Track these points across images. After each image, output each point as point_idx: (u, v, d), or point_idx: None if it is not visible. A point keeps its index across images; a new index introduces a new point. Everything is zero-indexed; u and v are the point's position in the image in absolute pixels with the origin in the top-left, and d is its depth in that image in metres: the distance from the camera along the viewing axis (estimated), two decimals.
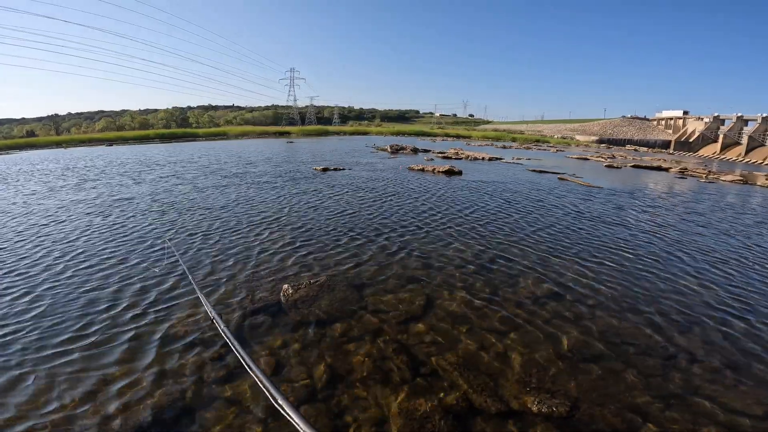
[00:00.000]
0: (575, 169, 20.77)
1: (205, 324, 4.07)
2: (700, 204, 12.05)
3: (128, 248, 6.50)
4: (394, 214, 9.04)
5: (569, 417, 2.92)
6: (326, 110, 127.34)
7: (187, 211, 9.16)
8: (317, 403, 2.99)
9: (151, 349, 3.70)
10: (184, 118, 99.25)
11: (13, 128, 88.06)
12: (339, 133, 63.24)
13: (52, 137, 54.11)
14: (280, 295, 4.68)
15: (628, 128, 65.44)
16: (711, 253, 6.98)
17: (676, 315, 4.59)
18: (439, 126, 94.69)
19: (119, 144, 39.48)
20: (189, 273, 4.45)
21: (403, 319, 4.29)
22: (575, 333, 4.09)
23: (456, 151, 28.04)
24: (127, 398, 3.05)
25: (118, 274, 5.43)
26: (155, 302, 4.60)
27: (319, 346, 3.75)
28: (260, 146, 34.21)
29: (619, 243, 7.33)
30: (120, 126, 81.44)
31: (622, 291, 5.18)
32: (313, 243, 6.82)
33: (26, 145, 38.47)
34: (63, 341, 3.82)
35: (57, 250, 6.41)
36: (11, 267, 5.73)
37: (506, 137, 59.21)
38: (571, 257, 6.41)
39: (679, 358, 3.74)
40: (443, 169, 16.78)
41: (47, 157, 25.27)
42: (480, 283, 5.28)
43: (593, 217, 9.41)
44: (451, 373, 3.36)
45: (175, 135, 50.27)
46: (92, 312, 4.37)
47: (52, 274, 5.42)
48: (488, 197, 11.48)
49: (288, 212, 9.06)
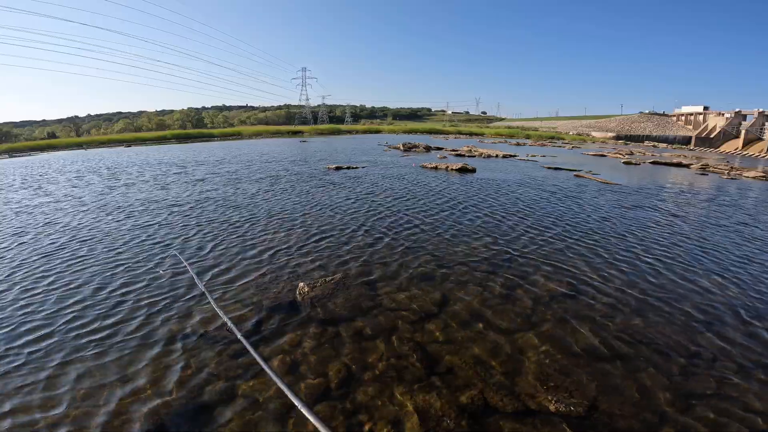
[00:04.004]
0: (592, 165, 20.39)
1: (220, 325, 4.15)
2: (721, 201, 11.69)
3: (135, 253, 6.66)
4: (407, 212, 9.03)
5: (587, 417, 2.88)
6: (338, 109, 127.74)
7: (197, 210, 9.33)
8: (332, 401, 3.01)
9: (168, 347, 3.78)
10: (199, 118, 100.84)
11: (34, 130, 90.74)
12: (351, 132, 63.37)
13: (73, 138, 55.58)
14: (296, 293, 4.73)
15: (646, 124, 63.87)
16: (734, 251, 6.78)
17: (698, 314, 4.48)
18: (452, 124, 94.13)
19: (137, 145, 40.32)
20: (196, 276, 4.47)
21: (417, 317, 4.29)
22: (593, 332, 4.03)
23: (469, 149, 27.79)
24: (141, 398, 3.12)
25: (131, 272, 5.56)
26: (167, 303, 4.70)
27: (333, 344, 3.78)
28: (274, 145, 34.54)
29: (638, 241, 7.17)
30: (138, 127, 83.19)
31: (641, 290, 5.07)
32: (327, 241, 6.86)
33: (48, 147, 39.60)
34: (79, 336, 3.94)
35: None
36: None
37: (520, 134, 58.36)
38: (588, 255, 6.30)
39: (701, 358, 3.65)
40: (456, 166, 16.67)
41: (74, 159, 25.95)
42: (495, 281, 5.24)
43: (610, 214, 9.22)
44: (467, 372, 3.35)
45: (190, 135, 51.17)
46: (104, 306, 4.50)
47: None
48: (502, 195, 11.36)
49: (301, 210, 9.14)
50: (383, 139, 42.23)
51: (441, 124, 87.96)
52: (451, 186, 12.80)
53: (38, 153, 34.86)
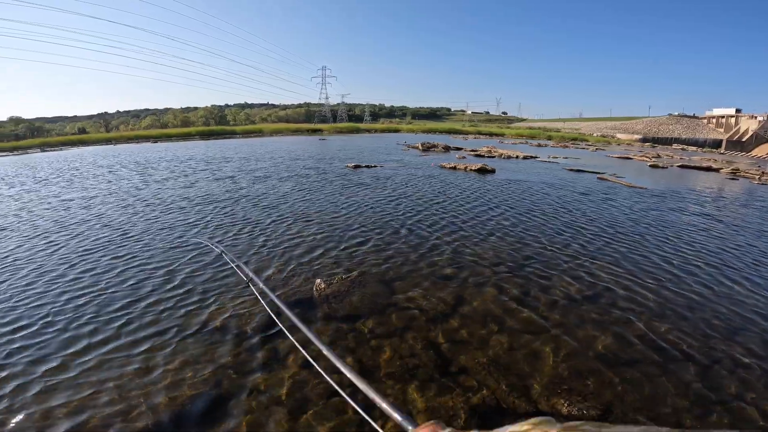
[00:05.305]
0: (616, 168, 19.89)
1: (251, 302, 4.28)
2: (752, 207, 11.24)
3: (168, 241, 6.91)
4: (424, 211, 9.04)
5: (601, 420, 2.86)
6: (357, 108, 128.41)
7: (220, 203, 9.58)
8: (343, 397, 3.05)
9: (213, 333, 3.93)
10: (222, 115, 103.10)
11: (65, 125, 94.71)
12: (370, 131, 63.61)
13: (103, 134, 57.90)
14: (313, 290, 4.82)
15: (675, 126, 61.82)
16: (763, 259, 6.52)
17: (721, 322, 4.35)
18: (471, 124, 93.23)
19: (163, 141, 41.56)
20: (246, 268, 4.64)
21: (432, 316, 4.31)
22: (611, 337, 3.97)
23: (489, 149, 27.50)
24: (179, 381, 3.26)
25: (157, 264, 5.78)
26: (201, 290, 4.87)
27: (348, 341, 3.84)
28: (294, 143, 35.01)
29: (662, 246, 6.98)
30: (164, 123, 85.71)
31: (663, 296, 4.95)
32: (345, 239, 6.95)
33: (78, 142, 41.32)
34: (107, 321, 4.14)
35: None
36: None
37: (541, 135, 57.31)
38: (609, 259, 6.18)
39: (722, 365, 3.55)
40: (476, 167, 16.55)
41: (105, 154, 26.93)
42: (512, 282, 5.21)
43: (633, 218, 9.00)
44: (480, 373, 3.36)
45: (213, 132, 52.46)
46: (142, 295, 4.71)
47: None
48: (522, 196, 11.23)
49: (319, 208, 9.27)
50: (402, 139, 42.24)
51: (460, 124, 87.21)
52: (469, 186, 12.73)
53: (69, 148, 36.38)
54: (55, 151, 33.07)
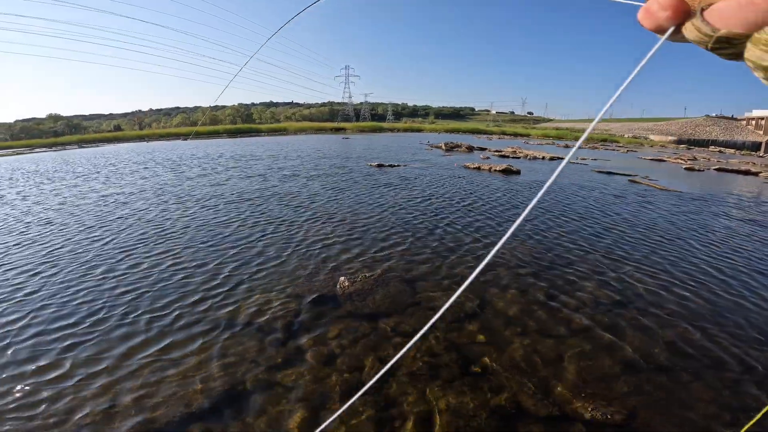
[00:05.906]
0: (649, 171, 19.21)
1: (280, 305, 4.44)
2: None
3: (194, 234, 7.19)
4: (448, 211, 9.04)
5: (625, 425, 2.83)
6: (380, 107, 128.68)
7: (245, 202, 9.87)
8: (365, 395, 3.11)
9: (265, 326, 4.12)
10: (248, 114, 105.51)
11: (101, 123, 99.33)
12: (392, 130, 63.71)
13: (137, 131, 60.37)
14: (337, 287, 4.94)
15: (712, 128, 58.94)
16: None
17: (756, 331, 4.19)
18: (496, 124, 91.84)
19: (192, 138, 42.97)
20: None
21: (454, 317, 4.34)
22: (639, 343, 3.89)
23: (514, 150, 27.06)
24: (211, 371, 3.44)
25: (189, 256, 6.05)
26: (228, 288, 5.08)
27: (369, 339, 3.92)
28: (318, 142, 35.50)
29: (694, 251, 6.74)
30: (193, 122, 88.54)
31: (694, 303, 4.80)
32: (368, 238, 7.05)
33: (114, 139, 43.29)
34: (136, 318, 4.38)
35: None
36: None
37: (569, 136, 55.83)
38: (638, 264, 6.02)
39: (754, 374, 3.44)
40: (500, 168, 16.35)
41: (139, 150, 28.08)
42: (537, 285, 5.17)
43: (666, 222, 8.71)
44: (501, 374, 3.38)
45: (240, 130, 54.03)
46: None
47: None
48: (548, 198, 11.04)
49: (343, 206, 9.42)
50: (425, 138, 42.12)
51: (484, 124, 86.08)
52: (494, 187, 12.61)
53: (105, 144, 38.13)
54: (92, 148, 34.75)
